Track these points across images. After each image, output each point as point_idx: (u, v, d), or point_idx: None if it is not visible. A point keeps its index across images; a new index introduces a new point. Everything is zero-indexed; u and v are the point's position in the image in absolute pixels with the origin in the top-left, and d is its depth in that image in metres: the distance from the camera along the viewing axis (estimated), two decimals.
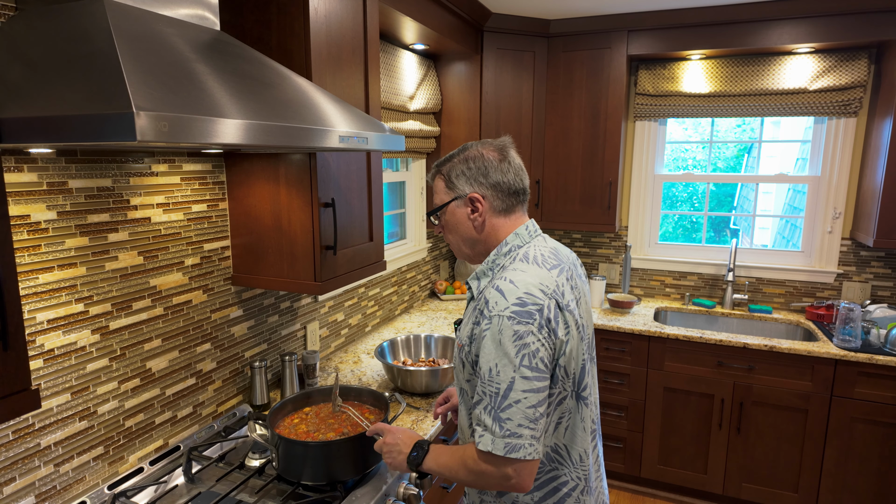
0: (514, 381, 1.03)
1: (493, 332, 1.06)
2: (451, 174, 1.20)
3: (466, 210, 1.20)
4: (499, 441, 1.03)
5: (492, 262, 1.19)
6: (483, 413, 1.05)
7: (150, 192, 1.47)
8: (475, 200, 1.18)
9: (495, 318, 1.06)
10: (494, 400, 1.04)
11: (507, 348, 1.04)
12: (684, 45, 2.83)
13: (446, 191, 1.22)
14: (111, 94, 0.77)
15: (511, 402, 1.03)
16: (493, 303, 1.08)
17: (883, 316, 2.68)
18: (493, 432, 1.04)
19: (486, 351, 1.07)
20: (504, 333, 1.05)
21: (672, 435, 2.86)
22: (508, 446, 1.02)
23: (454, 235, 1.24)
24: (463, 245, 1.24)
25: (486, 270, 1.20)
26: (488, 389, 1.05)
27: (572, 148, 3.07)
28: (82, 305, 1.31)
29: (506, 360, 1.04)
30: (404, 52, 2.59)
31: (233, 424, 1.72)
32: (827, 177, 2.95)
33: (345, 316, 2.44)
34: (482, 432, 1.05)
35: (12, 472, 1.20)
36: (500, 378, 1.04)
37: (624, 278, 3.31)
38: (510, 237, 1.19)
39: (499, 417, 1.03)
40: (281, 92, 1.14)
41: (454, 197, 1.20)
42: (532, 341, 1.04)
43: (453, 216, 1.21)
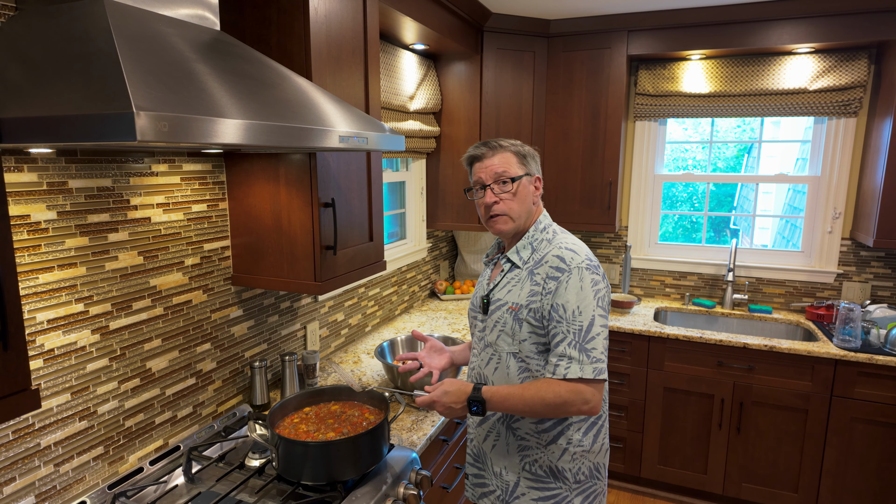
0: (594, 318, 1.27)
1: (574, 280, 1.28)
2: (524, 154, 1.42)
3: (531, 187, 1.43)
4: (587, 367, 1.24)
5: (531, 237, 1.42)
6: (569, 347, 1.25)
7: (150, 192, 1.47)
8: (539, 181, 1.44)
9: (575, 269, 1.29)
10: (579, 335, 1.25)
11: (587, 292, 1.27)
12: (684, 46, 2.83)
13: (519, 165, 1.41)
14: (111, 94, 0.77)
15: (594, 335, 1.26)
16: (570, 258, 1.31)
17: (883, 316, 2.68)
18: (580, 361, 1.24)
19: (570, 296, 1.27)
20: (584, 280, 1.28)
21: (672, 435, 2.86)
22: (596, 370, 1.24)
23: (519, 204, 1.40)
24: (523, 214, 1.41)
25: (527, 244, 1.41)
26: (572, 328, 1.26)
27: (572, 148, 3.07)
28: (82, 305, 1.31)
29: (587, 302, 1.27)
30: (404, 52, 2.59)
31: (233, 424, 1.72)
32: (827, 177, 2.95)
33: (345, 316, 2.44)
34: (568, 364, 1.24)
35: (12, 472, 1.20)
36: (582, 317, 1.26)
37: (624, 278, 3.31)
38: (542, 217, 1.45)
39: (585, 349, 1.24)
40: (281, 92, 1.14)
41: (527, 172, 1.41)
42: (602, 287, 1.31)
43: (524, 188, 1.41)
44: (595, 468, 1.41)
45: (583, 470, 1.39)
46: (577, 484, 1.39)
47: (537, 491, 1.39)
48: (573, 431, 1.37)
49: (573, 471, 1.38)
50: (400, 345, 2.17)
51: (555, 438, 1.37)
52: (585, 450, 1.38)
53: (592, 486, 1.41)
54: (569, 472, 1.38)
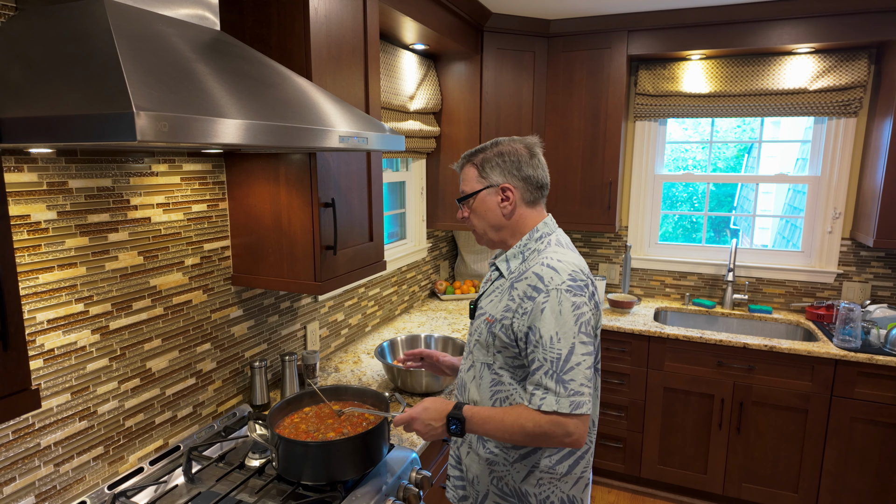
0: (574, 346, 1.16)
1: (553, 303, 1.17)
2: (484, 165, 1.31)
3: (497, 199, 1.31)
4: (564, 400, 1.14)
5: (523, 245, 1.31)
6: (545, 377, 1.16)
7: (150, 192, 1.47)
8: (507, 190, 1.30)
9: (553, 291, 1.18)
10: (556, 364, 1.15)
11: (567, 317, 1.16)
12: (684, 46, 2.83)
13: (478, 179, 1.32)
14: (111, 94, 0.77)
15: (573, 365, 1.15)
16: (549, 278, 1.19)
17: (883, 316, 2.68)
18: (557, 393, 1.14)
19: (547, 321, 1.17)
20: (563, 304, 1.17)
21: (672, 435, 2.86)
22: (573, 404, 1.14)
23: (480, 220, 1.34)
24: (488, 230, 1.34)
25: (517, 253, 1.31)
26: (549, 355, 1.16)
27: (572, 148, 3.07)
28: (82, 305, 1.31)
29: (566, 328, 1.16)
30: (404, 52, 2.58)
31: (233, 424, 1.72)
32: (827, 177, 2.95)
33: (345, 316, 2.44)
34: (544, 395, 1.15)
35: (12, 472, 1.20)
36: (561, 344, 1.16)
37: (624, 278, 3.31)
38: (540, 225, 1.32)
39: (562, 379, 1.14)
40: (281, 92, 1.14)
41: (486, 185, 1.31)
42: (586, 311, 1.19)
43: (483, 203, 1.32)
44: (569, 500, 1.31)
45: (551, 499, 1.30)
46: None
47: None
48: (542, 456, 1.28)
49: (538, 496, 1.30)
50: (400, 345, 2.17)
51: (521, 458, 1.29)
52: (555, 477, 1.29)
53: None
54: (533, 496, 1.30)
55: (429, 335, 2.21)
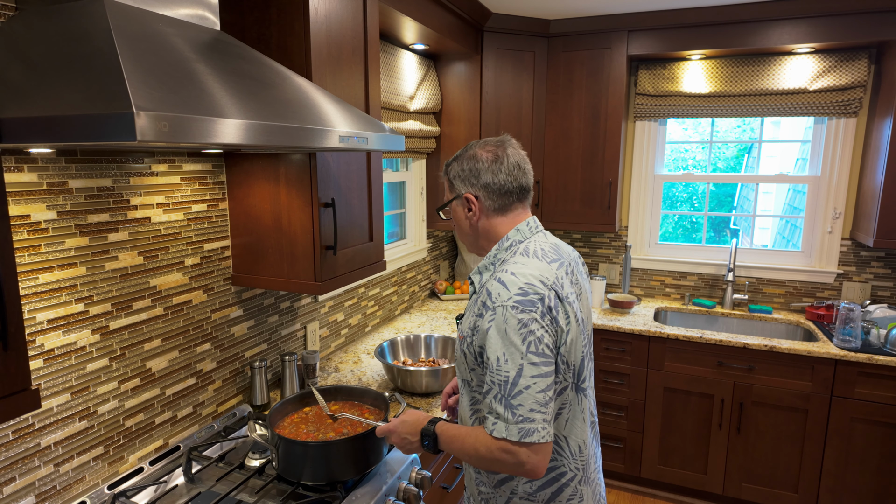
0: (522, 367, 1.06)
1: (498, 322, 1.08)
2: (450, 174, 1.28)
3: (464, 209, 1.26)
4: (513, 427, 1.05)
5: (493, 256, 1.23)
6: (494, 402, 1.08)
7: (150, 192, 1.47)
8: (469, 200, 1.24)
9: (499, 308, 1.09)
10: (504, 388, 1.06)
11: (513, 337, 1.07)
12: (684, 46, 2.83)
13: (449, 188, 1.29)
14: (111, 94, 0.77)
15: (521, 389, 1.06)
16: (496, 294, 1.10)
17: (883, 316, 2.68)
18: (505, 420, 1.06)
19: (492, 342, 1.09)
20: (509, 323, 1.07)
21: (672, 435, 2.86)
22: (522, 431, 1.05)
23: (458, 230, 1.31)
24: (465, 239, 1.31)
25: (488, 265, 1.24)
26: (497, 378, 1.08)
27: (572, 148, 3.07)
28: (82, 305, 1.31)
29: (513, 349, 1.07)
30: (404, 52, 2.58)
31: (233, 424, 1.72)
32: (827, 177, 2.95)
33: (345, 316, 2.44)
34: (494, 420, 1.07)
35: (12, 472, 1.20)
36: (507, 367, 1.07)
37: (624, 278, 3.31)
38: (511, 233, 1.23)
39: (510, 405, 1.06)
40: (281, 92, 1.14)
41: (455, 196, 1.28)
42: (536, 328, 1.07)
43: (455, 213, 1.29)
44: None
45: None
46: None
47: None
48: (519, 482, 1.21)
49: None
50: (400, 345, 2.17)
51: (500, 483, 1.23)
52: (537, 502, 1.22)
53: None
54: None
55: (429, 335, 2.21)
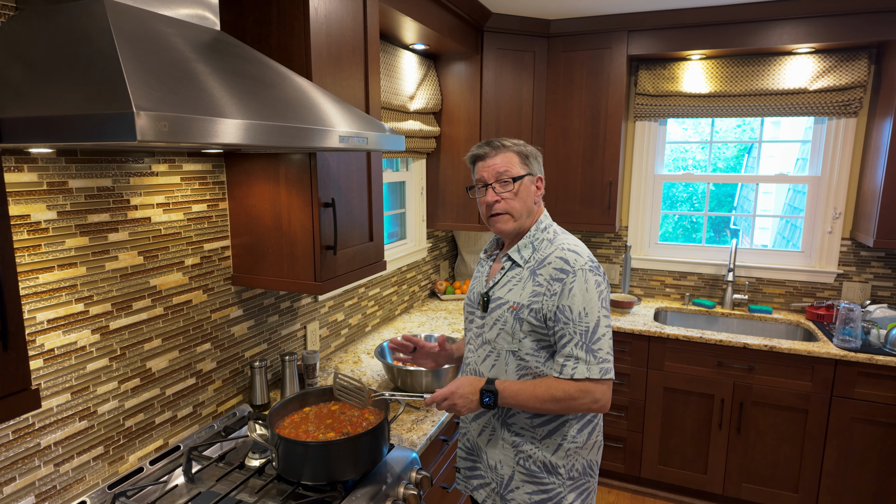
0: (599, 319, 1.29)
1: (580, 282, 1.30)
2: (526, 154, 1.43)
3: (533, 186, 1.44)
4: (594, 367, 1.26)
5: (532, 236, 1.43)
6: (575, 349, 1.28)
7: (150, 192, 1.47)
8: (541, 181, 1.46)
9: (579, 271, 1.31)
10: (586, 336, 1.28)
11: (592, 294, 1.30)
12: (684, 46, 2.83)
13: (521, 165, 1.42)
14: (111, 94, 0.77)
15: (600, 336, 1.28)
16: (573, 260, 1.33)
17: (883, 316, 2.68)
18: (587, 362, 1.27)
19: (576, 298, 1.29)
20: (589, 282, 1.30)
21: (672, 435, 2.85)
22: (603, 370, 1.27)
23: (521, 203, 1.42)
24: (524, 213, 1.43)
25: (528, 244, 1.42)
26: (579, 329, 1.28)
27: (572, 148, 3.07)
28: (82, 305, 1.31)
29: (592, 304, 1.29)
30: (404, 52, 2.58)
31: (233, 424, 1.72)
32: (827, 177, 2.95)
33: (345, 316, 2.44)
34: (575, 364, 1.27)
35: (12, 472, 1.20)
36: (588, 318, 1.28)
37: (624, 278, 3.31)
38: (543, 217, 1.46)
39: (591, 349, 1.27)
40: (281, 92, 1.14)
41: (528, 173, 1.42)
42: (605, 288, 1.33)
43: (526, 188, 1.42)
44: (588, 465, 1.44)
45: (576, 466, 1.41)
46: (570, 480, 1.41)
47: (531, 485, 1.41)
48: (569, 427, 1.39)
49: (567, 467, 1.40)
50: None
51: (550, 434, 1.39)
52: (579, 446, 1.40)
53: (586, 483, 1.44)
54: (563, 467, 1.40)
55: (428, 335, 2.21)
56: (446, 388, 1.38)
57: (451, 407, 1.37)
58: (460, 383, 1.37)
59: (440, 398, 1.38)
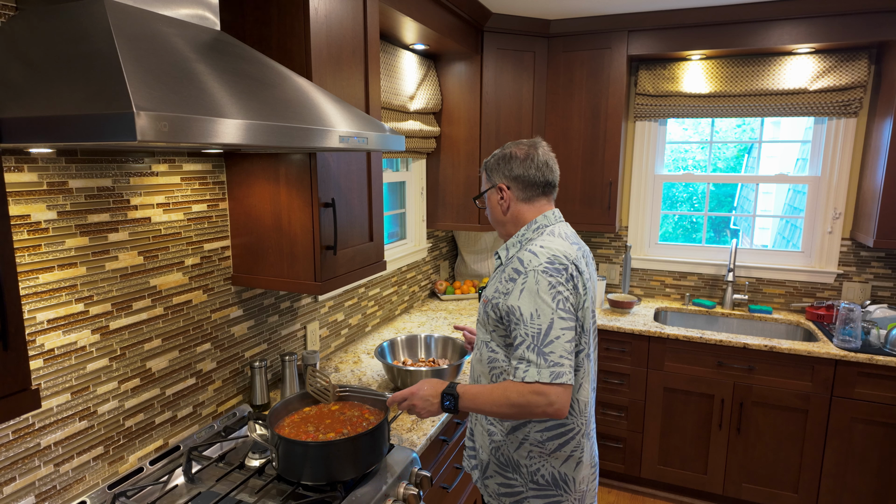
0: (552, 321, 1.25)
1: (531, 283, 1.28)
2: (488, 167, 1.48)
3: (497, 197, 1.46)
4: (544, 370, 1.22)
5: (521, 235, 1.44)
6: (527, 351, 1.24)
7: (150, 192, 1.47)
8: (501, 189, 1.45)
9: (531, 272, 1.29)
10: (537, 338, 1.24)
11: (544, 296, 1.26)
12: (684, 46, 2.83)
13: (485, 181, 1.50)
14: (111, 94, 0.77)
15: (552, 339, 1.24)
16: (528, 261, 1.31)
17: (883, 316, 2.68)
18: (538, 365, 1.23)
19: (526, 300, 1.27)
20: (540, 284, 1.27)
21: (672, 435, 2.85)
22: (553, 374, 1.22)
23: (490, 215, 1.51)
24: (496, 223, 1.50)
25: (515, 243, 1.44)
26: (530, 331, 1.25)
27: (572, 148, 3.07)
28: (82, 305, 1.31)
29: (544, 305, 1.25)
30: (404, 52, 2.58)
31: (233, 424, 1.72)
32: (827, 177, 2.95)
33: (345, 316, 2.44)
34: (526, 367, 1.24)
35: (12, 472, 1.20)
36: (540, 320, 1.25)
37: (624, 278, 3.31)
38: (539, 218, 1.44)
39: (542, 352, 1.23)
40: (281, 92, 1.14)
41: (490, 186, 1.48)
42: (562, 290, 1.28)
43: (490, 201, 1.49)
44: (561, 478, 1.39)
45: (542, 472, 1.39)
46: (533, 484, 1.40)
47: (500, 476, 1.45)
48: (532, 430, 1.39)
49: (529, 468, 1.40)
50: (400, 345, 2.17)
51: (513, 430, 1.41)
52: (545, 452, 1.38)
53: (556, 496, 1.40)
54: (524, 467, 1.40)
55: (429, 335, 2.21)
56: (407, 389, 1.40)
57: (411, 408, 1.39)
58: (422, 385, 1.39)
59: (400, 398, 1.40)
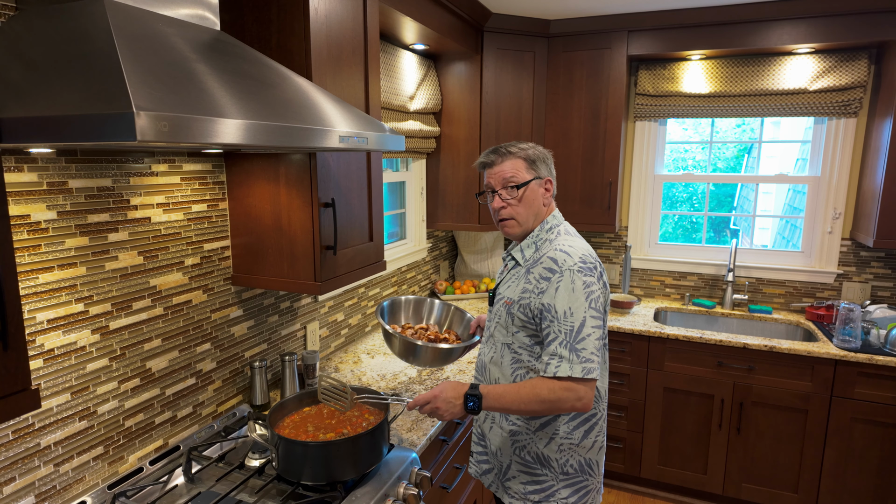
0: (585, 319, 1.29)
1: (566, 282, 1.31)
2: (533, 158, 1.46)
3: (541, 189, 1.47)
4: (577, 366, 1.26)
5: (535, 236, 1.46)
6: (560, 347, 1.28)
7: (150, 192, 1.47)
8: (549, 182, 1.47)
9: (566, 271, 1.32)
10: (570, 335, 1.28)
11: (579, 294, 1.30)
12: (684, 46, 2.83)
13: (528, 170, 1.45)
14: (111, 94, 0.77)
15: (584, 336, 1.29)
16: (562, 260, 1.34)
17: (883, 316, 2.68)
18: (570, 361, 1.27)
19: (561, 298, 1.31)
20: (576, 283, 1.31)
21: (672, 435, 2.85)
22: (586, 370, 1.27)
23: (527, 208, 1.46)
24: (530, 218, 1.47)
25: (530, 244, 1.46)
26: (563, 328, 1.29)
27: (572, 148, 3.07)
28: (82, 305, 1.31)
29: (578, 304, 1.30)
30: (404, 52, 2.58)
31: (233, 424, 1.72)
32: (827, 177, 2.95)
33: (345, 316, 2.44)
34: (559, 363, 1.27)
35: (12, 472, 1.20)
36: (573, 318, 1.29)
37: (624, 278, 3.31)
38: (550, 217, 1.48)
39: (575, 348, 1.28)
40: (281, 92, 1.14)
41: (535, 177, 1.45)
42: (595, 289, 1.33)
43: (533, 192, 1.45)
44: (587, 464, 1.46)
45: (571, 463, 1.44)
46: (564, 475, 1.44)
47: (526, 475, 1.45)
48: (561, 424, 1.42)
49: (560, 461, 1.43)
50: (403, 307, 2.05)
51: (542, 426, 1.43)
52: (574, 443, 1.43)
53: (583, 481, 1.46)
54: (555, 461, 1.43)
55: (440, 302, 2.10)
56: (429, 393, 1.39)
57: (434, 411, 1.38)
58: (443, 387, 1.38)
59: (422, 402, 1.39)
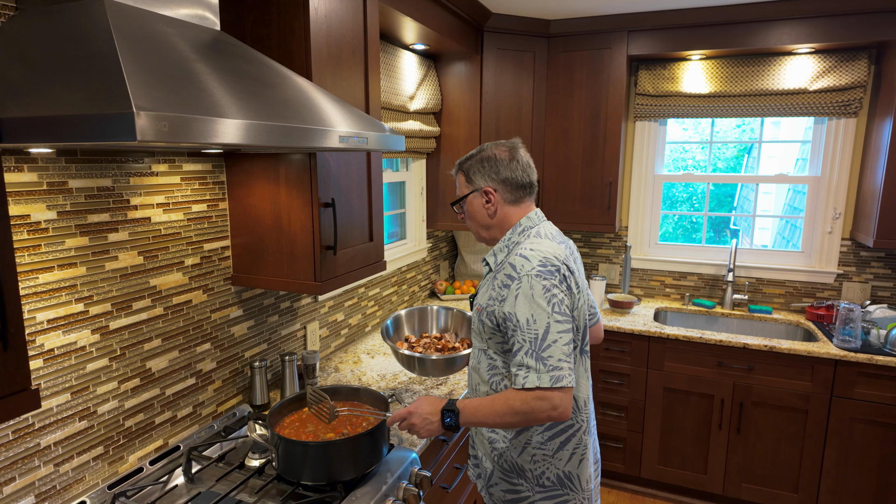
0: (549, 325, 1.23)
1: (525, 288, 1.26)
2: (469, 171, 1.44)
3: (482, 200, 1.43)
4: (544, 375, 1.21)
5: (507, 240, 1.41)
6: (525, 357, 1.23)
7: (150, 192, 1.47)
8: (488, 192, 1.41)
9: (524, 277, 1.27)
10: (535, 343, 1.23)
11: (539, 300, 1.24)
12: (684, 46, 2.83)
13: (466, 184, 1.45)
14: (111, 93, 0.77)
15: (550, 343, 1.23)
16: (520, 266, 1.28)
17: (883, 316, 2.68)
18: (537, 370, 1.22)
19: (521, 305, 1.26)
20: (535, 288, 1.25)
21: (672, 435, 2.85)
22: (553, 378, 1.21)
23: (472, 221, 1.46)
24: (480, 229, 1.46)
25: (503, 247, 1.42)
26: (527, 336, 1.24)
27: (572, 148, 3.07)
28: (82, 305, 1.31)
29: (540, 310, 1.24)
30: (404, 52, 2.58)
31: (233, 424, 1.72)
32: (827, 177, 2.95)
33: (345, 316, 2.44)
34: (526, 373, 1.22)
35: (12, 472, 1.20)
36: (536, 325, 1.24)
37: (624, 278, 3.31)
38: (523, 220, 1.42)
39: (541, 357, 1.22)
40: (281, 92, 1.14)
41: (472, 190, 1.43)
42: (557, 292, 1.26)
43: (471, 205, 1.45)
44: (566, 477, 1.40)
45: (547, 475, 1.39)
46: (540, 487, 1.39)
47: (505, 483, 1.44)
48: (534, 433, 1.38)
49: (535, 472, 1.39)
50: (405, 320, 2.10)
51: (517, 434, 1.40)
52: (548, 454, 1.38)
53: (563, 496, 1.40)
54: (529, 472, 1.39)
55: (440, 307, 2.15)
56: (405, 409, 1.38)
57: (410, 427, 1.37)
58: (419, 403, 1.37)
59: (398, 418, 1.38)
